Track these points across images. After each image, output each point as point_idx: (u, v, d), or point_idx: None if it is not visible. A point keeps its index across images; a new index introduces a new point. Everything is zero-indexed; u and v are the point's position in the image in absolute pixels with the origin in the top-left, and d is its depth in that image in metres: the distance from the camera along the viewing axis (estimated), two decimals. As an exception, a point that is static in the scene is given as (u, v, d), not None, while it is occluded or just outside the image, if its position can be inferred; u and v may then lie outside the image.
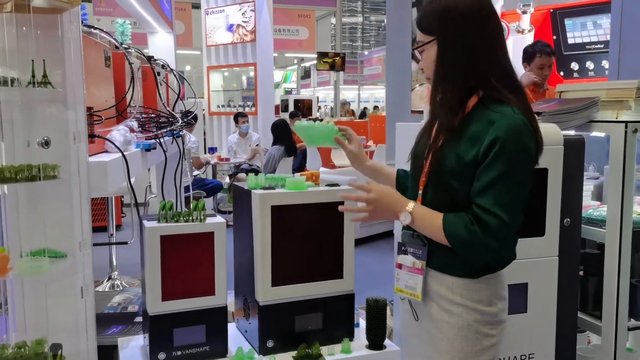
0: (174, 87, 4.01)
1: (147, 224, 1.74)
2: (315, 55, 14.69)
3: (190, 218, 1.77)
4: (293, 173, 8.23)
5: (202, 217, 1.78)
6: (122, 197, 6.37)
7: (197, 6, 11.05)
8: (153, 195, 4.66)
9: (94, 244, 4.16)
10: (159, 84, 2.66)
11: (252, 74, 9.11)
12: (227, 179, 7.19)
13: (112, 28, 2.91)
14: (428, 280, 1.48)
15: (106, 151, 2.01)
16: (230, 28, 9.10)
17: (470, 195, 1.37)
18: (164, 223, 1.75)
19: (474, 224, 1.33)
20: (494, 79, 1.40)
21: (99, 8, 12.11)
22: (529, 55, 3.76)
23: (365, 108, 19.97)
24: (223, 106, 9.53)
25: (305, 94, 19.09)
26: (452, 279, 1.44)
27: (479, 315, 1.43)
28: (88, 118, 1.79)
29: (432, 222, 1.40)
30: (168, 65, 3.22)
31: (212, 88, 9.52)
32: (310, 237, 1.87)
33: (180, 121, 2.61)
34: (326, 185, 1.92)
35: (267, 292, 1.82)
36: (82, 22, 1.78)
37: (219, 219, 1.82)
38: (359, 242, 5.49)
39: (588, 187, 2.39)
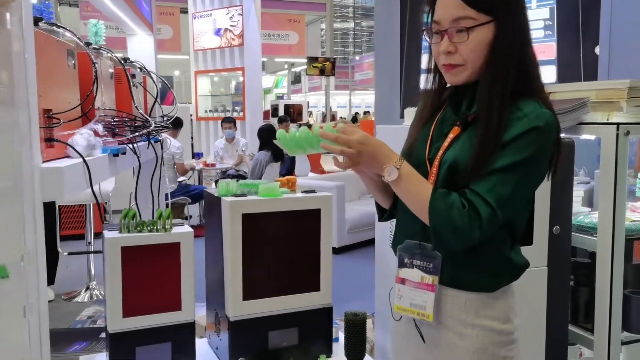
0: (153, 91, 3.90)
1: (107, 234, 1.63)
2: (305, 60, 14.62)
3: (155, 227, 1.65)
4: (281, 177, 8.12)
5: (168, 227, 1.66)
6: (106, 203, 6.24)
7: (185, 11, 10.94)
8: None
9: (70, 253, 4.03)
10: (131, 87, 2.54)
11: (241, 78, 9.01)
12: (214, 185, 7.05)
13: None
14: (438, 298, 1.30)
15: (68, 156, 1.90)
16: (217, 32, 9.00)
17: (469, 176, 1.20)
18: (126, 233, 1.63)
19: (464, 207, 1.17)
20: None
21: (85, 12, 11.98)
22: None
23: (356, 113, 19.93)
24: (211, 111, 9.42)
25: (296, 99, 19.02)
26: (466, 295, 1.28)
27: (496, 336, 1.28)
28: (46, 121, 1.67)
29: (419, 188, 1.22)
30: (145, 68, 3.10)
31: (199, 93, 9.41)
32: (284, 247, 1.75)
33: (154, 125, 2.49)
34: (302, 192, 1.81)
35: (237, 307, 1.70)
36: (45, 20, 1.66)
37: (186, 228, 1.71)
38: (344, 249, 5.39)
39: (578, 193, 2.29)
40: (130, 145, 2.44)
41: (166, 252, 1.65)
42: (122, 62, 2.53)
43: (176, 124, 6.03)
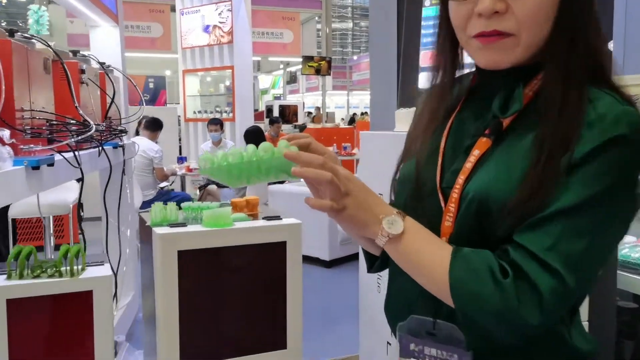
0: (120, 90, 3.47)
1: (-10, 280, 1.20)
2: (301, 60, 14.20)
3: (57, 271, 1.22)
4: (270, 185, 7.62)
5: (77, 270, 1.23)
6: (81, 211, 5.81)
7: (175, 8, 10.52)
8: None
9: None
10: (71, 84, 2.11)
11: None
12: (198, 192, 6.63)
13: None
14: None
15: (-36, 171, 1.48)
16: (206, 29, 8.57)
17: (512, 221, 0.76)
18: (16, 280, 1.20)
19: (506, 274, 0.73)
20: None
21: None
22: None
23: (354, 114, 19.50)
24: (200, 112, 8.98)
25: (292, 99, 18.59)
26: None
27: None
28: None
29: (432, 248, 0.79)
30: (96, 60, 2.67)
31: (188, 93, 8.97)
32: (239, 293, 1.33)
33: (95, 128, 2.06)
34: (264, 218, 1.39)
35: (173, 375, 1.27)
36: None
37: (104, 270, 1.28)
38: (336, 263, 4.95)
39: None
40: (71, 153, 2.01)
41: (74, 303, 1.22)
42: (58, 54, 2.10)
43: (155, 126, 5.59)
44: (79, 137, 2.02)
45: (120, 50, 3.55)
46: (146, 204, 5.37)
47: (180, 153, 8.78)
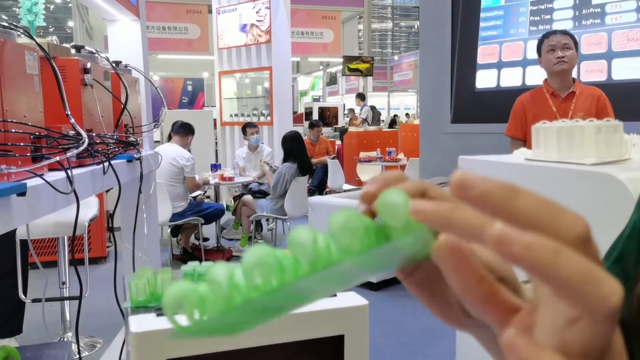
0: (141, 94, 3.04)
1: None
2: (341, 60, 13.69)
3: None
4: (311, 191, 7.17)
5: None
6: (110, 222, 5.46)
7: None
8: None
9: (34, 300, 3.19)
10: (61, 86, 1.66)
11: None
12: (232, 201, 6.20)
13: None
14: None
15: None
16: (243, 28, 8.17)
17: None
18: None
19: None
20: None
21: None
22: (538, 47, 2.99)
23: (395, 115, 18.87)
24: (236, 115, 8.58)
25: (332, 101, 18.10)
26: None
27: None
28: None
29: None
30: (105, 58, 2.23)
31: (224, 95, 8.58)
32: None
33: (87, 142, 1.60)
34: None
35: None
36: None
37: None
38: (384, 285, 4.40)
39: None
40: (62, 173, 1.56)
41: None
42: (45, 50, 1.65)
43: (185, 130, 5.17)
44: (68, 154, 1.57)
45: (142, 47, 3.12)
46: (176, 217, 4.96)
47: (216, 159, 8.40)
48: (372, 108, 12.88)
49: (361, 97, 13.02)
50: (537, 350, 0.25)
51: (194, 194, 5.53)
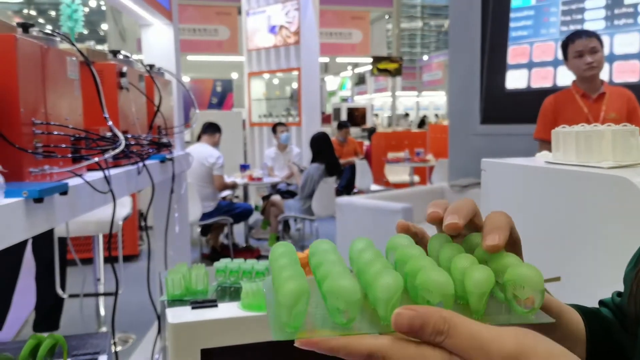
0: (174, 95, 3.11)
1: None
2: (370, 60, 13.68)
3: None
4: (338, 191, 7.18)
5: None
6: (144, 220, 5.58)
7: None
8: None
9: (71, 295, 3.30)
10: (100, 90, 1.72)
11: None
12: (261, 201, 6.27)
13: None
14: None
15: None
16: (272, 30, 8.24)
17: None
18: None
19: None
20: None
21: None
22: (562, 50, 2.93)
23: (424, 116, 18.76)
24: (265, 116, 8.67)
25: (360, 101, 18.09)
26: None
27: None
28: None
29: None
30: (139, 61, 2.31)
31: (253, 96, 8.68)
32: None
33: (123, 144, 1.66)
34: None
35: None
36: None
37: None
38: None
39: None
40: (99, 173, 1.63)
41: None
42: (85, 55, 1.73)
43: (212, 128, 5.25)
44: (105, 156, 1.63)
45: (175, 51, 3.20)
46: (206, 216, 5.04)
47: (245, 160, 8.49)
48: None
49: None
50: None
51: (223, 194, 5.62)
